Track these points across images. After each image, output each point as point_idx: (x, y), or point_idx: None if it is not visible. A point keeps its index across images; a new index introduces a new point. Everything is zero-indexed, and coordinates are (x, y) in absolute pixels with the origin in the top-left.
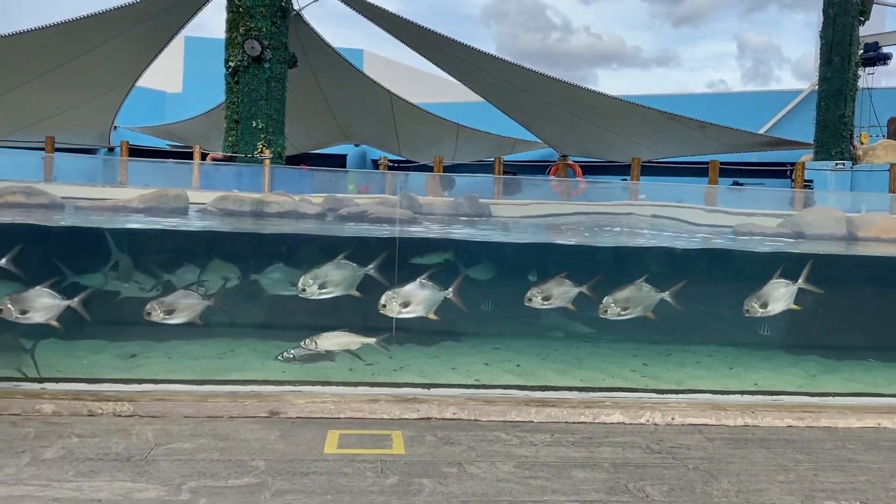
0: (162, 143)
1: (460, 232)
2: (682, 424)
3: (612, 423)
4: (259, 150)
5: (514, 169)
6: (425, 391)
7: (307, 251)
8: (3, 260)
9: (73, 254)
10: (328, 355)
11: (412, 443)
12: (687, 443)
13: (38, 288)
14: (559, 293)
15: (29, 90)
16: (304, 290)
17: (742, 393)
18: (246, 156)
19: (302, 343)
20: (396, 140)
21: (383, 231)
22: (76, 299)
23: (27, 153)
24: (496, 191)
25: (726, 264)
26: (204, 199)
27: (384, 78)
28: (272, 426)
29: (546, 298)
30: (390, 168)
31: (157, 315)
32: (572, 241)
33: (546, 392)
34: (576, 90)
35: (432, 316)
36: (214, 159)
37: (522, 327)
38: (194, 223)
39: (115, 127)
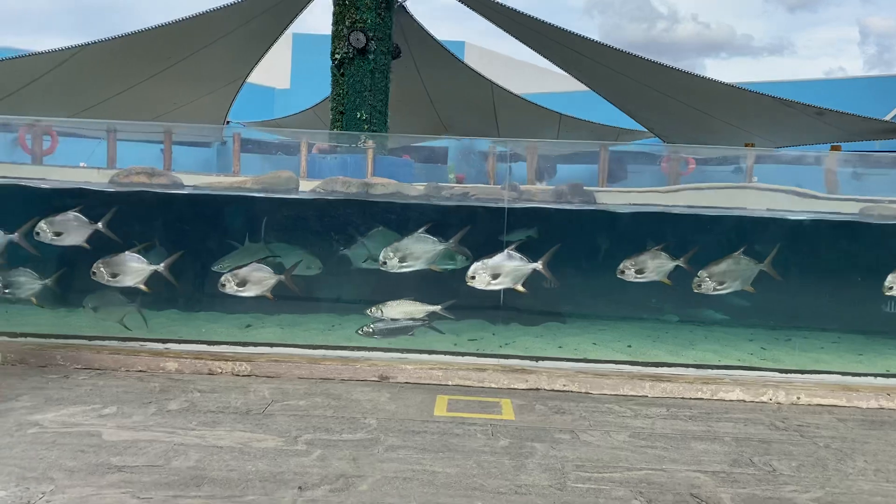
0: (272, 137)
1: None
2: (809, 404)
3: (731, 401)
4: (363, 140)
5: (619, 158)
6: (533, 363)
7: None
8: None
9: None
10: (405, 330)
11: (522, 410)
12: (815, 422)
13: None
14: (654, 266)
15: (149, 86)
16: (384, 263)
17: (875, 375)
18: (350, 146)
19: (368, 311)
20: (497, 131)
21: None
22: (162, 265)
23: (147, 145)
24: (601, 179)
25: (853, 242)
26: (312, 187)
27: (485, 69)
28: (382, 389)
29: (640, 271)
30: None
31: (231, 287)
32: (688, 209)
33: (660, 368)
34: (684, 77)
35: (520, 288)
36: (320, 150)
37: (632, 309)
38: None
39: (227, 122)
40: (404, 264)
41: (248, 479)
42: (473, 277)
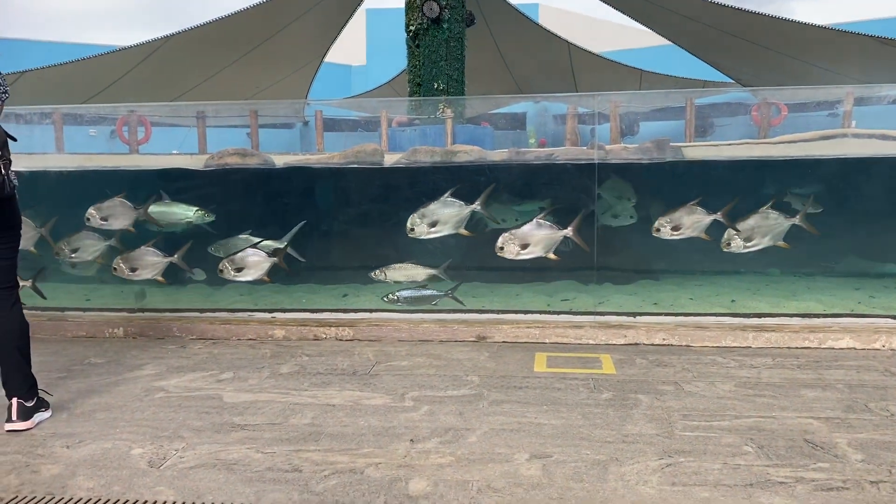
0: (351, 114)
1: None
2: None
3: (840, 349)
4: (441, 109)
5: (706, 110)
6: (631, 319)
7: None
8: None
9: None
10: (429, 299)
11: (622, 364)
12: None
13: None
14: (690, 222)
15: (231, 72)
16: (412, 229)
17: None
18: (429, 116)
19: (371, 274)
20: (576, 91)
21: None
22: (176, 255)
23: (233, 130)
24: (687, 133)
25: None
26: (394, 159)
27: (561, 29)
28: (481, 349)
29: (676, 228)
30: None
31: (229, 273)
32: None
33: (763, 319)
34: (774, 22)
35: (552, 256)
36: (399, 123)
37: (730, 264)
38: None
39: (308, 102)
40: (433, 230)
41: (362, 433)
42: (502, 248)
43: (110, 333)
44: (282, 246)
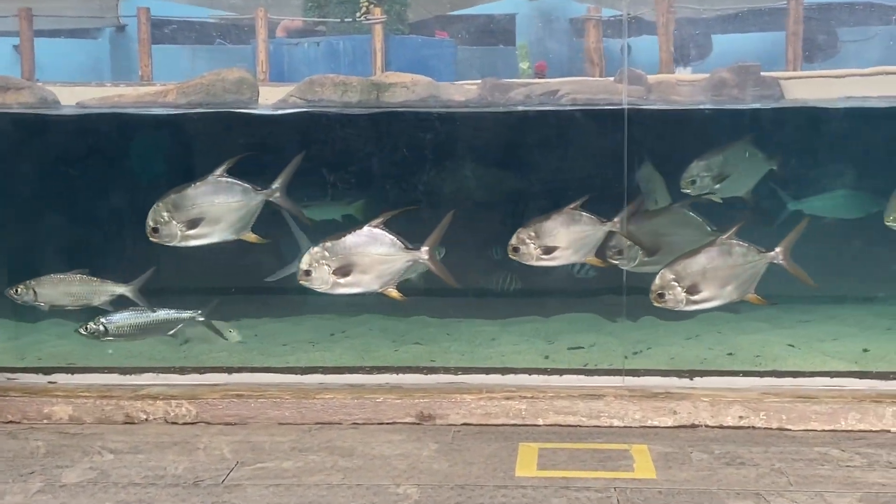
0: (202, 14)
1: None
2: None
3: None
4: (363, 9)
5: (823, 19)
6: (686, 381)
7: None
8: None
9: None
10: (159, 327)
11: (668, 462)
12: None
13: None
14: (570, 237)
15: None
16: (155, 230)
17: None
18: (342, 21)
19: (11, 291)
20: None
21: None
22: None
23: None
24: (791, 55)
25: None
26: (278, 96)
27: None
28: (424, 436)
29: (548, 250)
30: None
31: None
32: None
33: None
34: None
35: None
36: (288, 31)
37: (858, 283)
38: None
39: None
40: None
41: None
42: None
43: None
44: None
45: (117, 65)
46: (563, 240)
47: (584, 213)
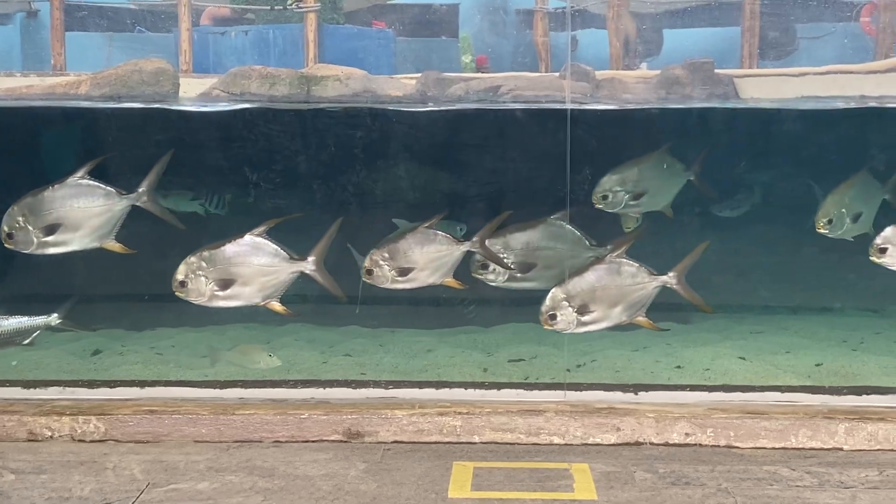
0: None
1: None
2: None
3: None
4: None
5: (780, 14)
6: (630, 396)
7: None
8: None
9: None
10: (13, 336)
11: (610, 482)
12: None
13: None
14: (427, 258)
15: None
16: (9, 235)
17: None
18: (272, 8)
19: None
20: None
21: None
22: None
23: None
24: (745, 52)
25: None
26: (201, 89)
27: None
28: (352, 455)
29: (402, 272)
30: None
31: None
32: None
33: (863, 397)
34: None
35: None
36: (214, 18)
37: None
38: None
39: None
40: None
41: None
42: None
43: None
44: None
45: (28, 53)
46: (418, 261)
47: (440, 233)
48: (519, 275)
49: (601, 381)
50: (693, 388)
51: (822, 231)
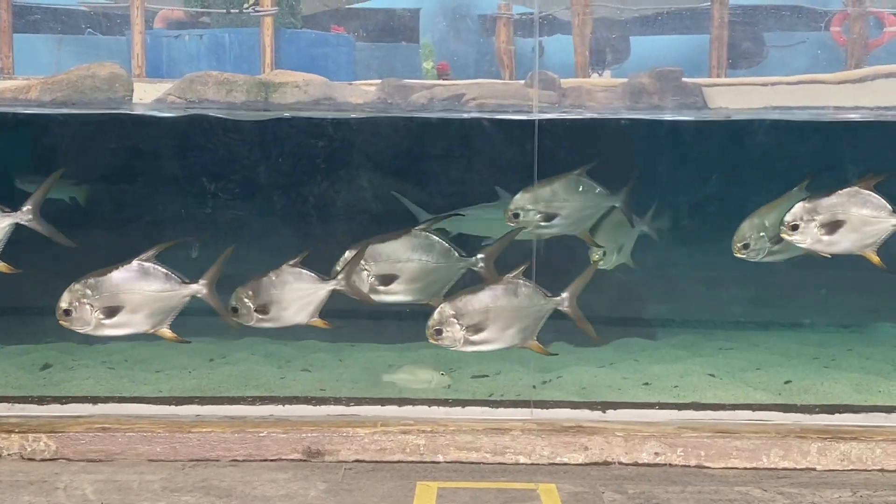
0: (71, 0)
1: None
2: None
3: None
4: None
5: (750, 23)
6: (598, 414)
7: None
8: None
9: None
10: None
11: (578, 503)
12: None
13: None
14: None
15: None
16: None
17: None
18: (228, 12)
19: None
20: None
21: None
22: None
23: None
24: (714, 61)
25: None
26: (155, 94)
27: None
28: (312, 475)
29: (262, 309)
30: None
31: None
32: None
33: (835, 416)
34: None
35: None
36: (168, 21)
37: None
38: None
39: None
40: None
41: None
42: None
43: None
44: None
45: None
46: (281, 299)
47: (305, 270)
48: (381, 287)
49: (568, 398)
50: (662, 405)
51: (739, 255)
